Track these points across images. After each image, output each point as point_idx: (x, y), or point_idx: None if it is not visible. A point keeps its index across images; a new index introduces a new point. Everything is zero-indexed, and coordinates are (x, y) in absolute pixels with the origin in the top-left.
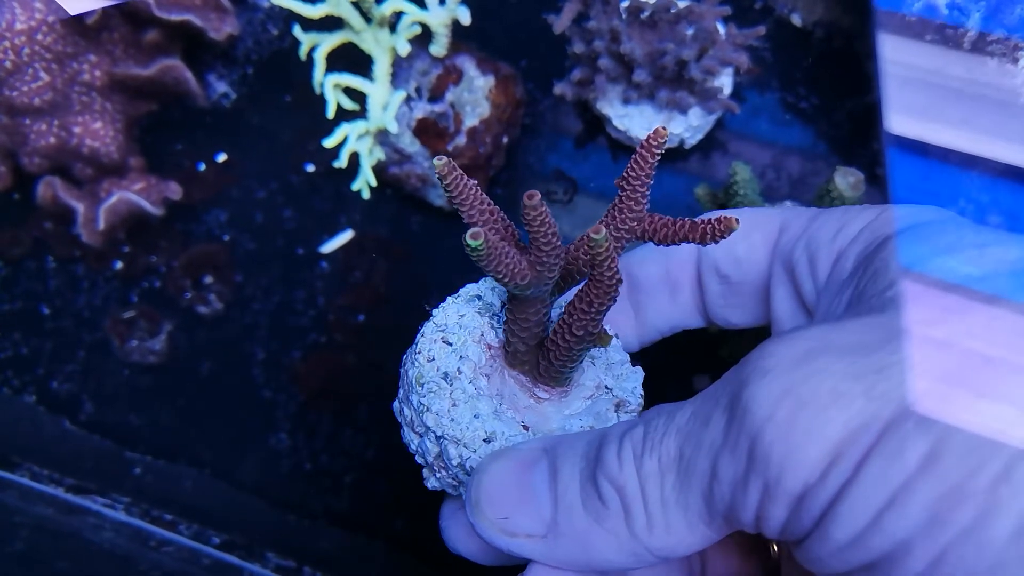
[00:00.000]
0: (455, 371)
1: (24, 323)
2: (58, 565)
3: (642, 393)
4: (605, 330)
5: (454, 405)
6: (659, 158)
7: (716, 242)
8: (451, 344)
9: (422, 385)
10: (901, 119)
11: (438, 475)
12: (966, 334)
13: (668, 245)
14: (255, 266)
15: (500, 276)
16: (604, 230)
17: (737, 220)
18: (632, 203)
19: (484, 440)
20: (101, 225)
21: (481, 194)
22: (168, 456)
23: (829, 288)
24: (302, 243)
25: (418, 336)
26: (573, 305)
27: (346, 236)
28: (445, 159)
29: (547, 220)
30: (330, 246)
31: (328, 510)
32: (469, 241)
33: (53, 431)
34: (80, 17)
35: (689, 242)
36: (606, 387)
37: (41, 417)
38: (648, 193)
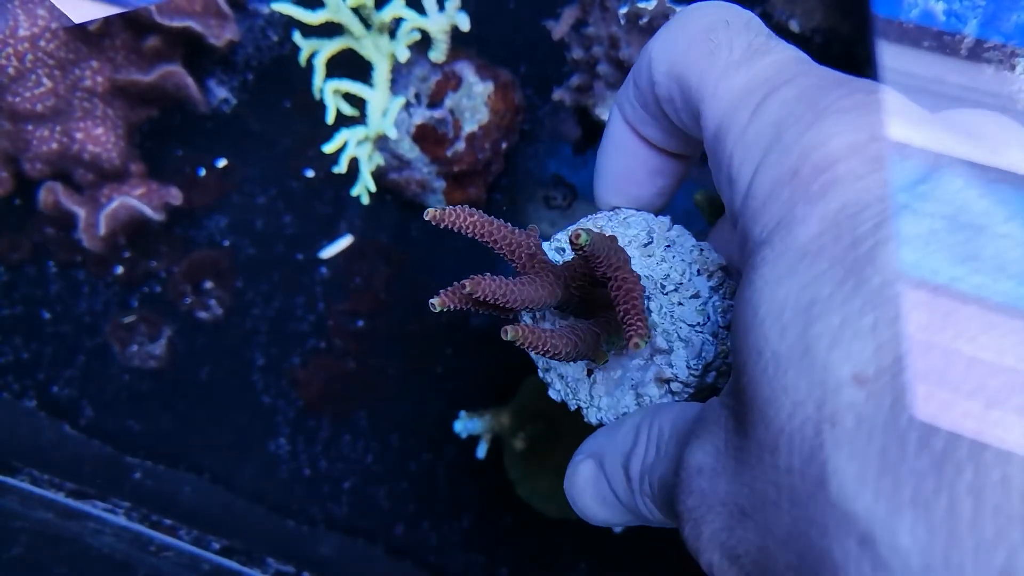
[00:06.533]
0: None
1: (25, 328)
2: (57, 570)
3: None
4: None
5: None
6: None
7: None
8: None
9: None
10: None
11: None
12: None
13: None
14: (255, 271)
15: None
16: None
17: (579, 235)
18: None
19: (559, 377)
20: (102, 230)
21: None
22: (168, 461)
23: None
24: (302, 248)
25: None
26: None
27: (345, 241)
28: (433, 211)
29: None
30: (330, 251)
31: (327, 515)
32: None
33: (53, 436)
34: (82, 24)
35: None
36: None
37: (41, 422)
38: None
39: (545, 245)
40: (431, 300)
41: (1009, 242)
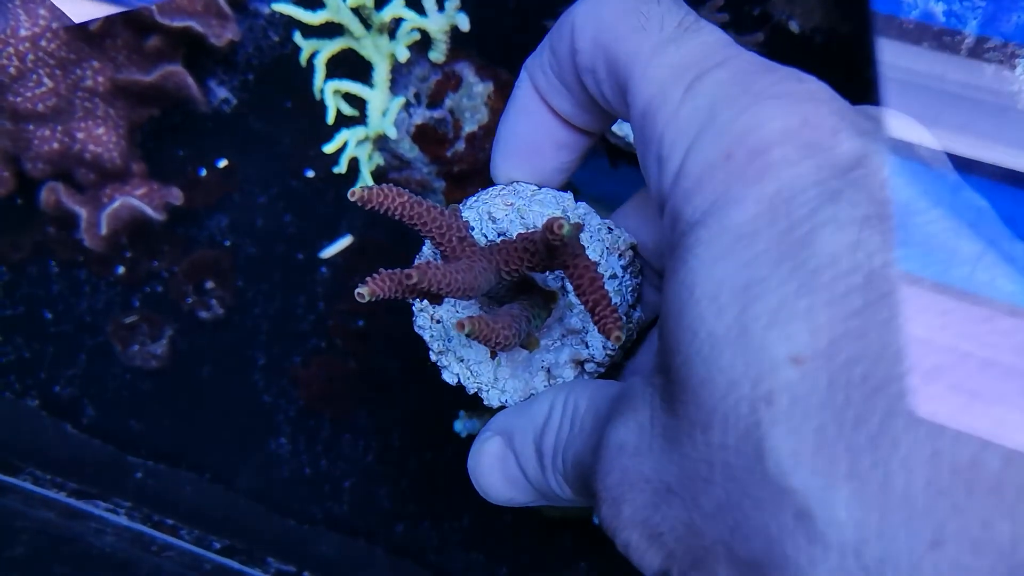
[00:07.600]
0: None
1: (26, 327)
2: (59, 569)
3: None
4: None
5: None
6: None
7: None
8: None
9: None
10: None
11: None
12: None
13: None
14: (256, 271)
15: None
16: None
17: (561, 226)
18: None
19: (458, 360)
20: (103, 230)
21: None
22: (169, 461)
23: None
24: (302, 248)
25: None
26: None
27: (346, 241)
28: (358, 190)
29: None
30: (330, 251)
31: (328, 515)
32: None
33: (55, 435)
34: (83, 24)
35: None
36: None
37: (43, 421)
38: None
39: None
40: (358, 290)
41: (937, 227)
